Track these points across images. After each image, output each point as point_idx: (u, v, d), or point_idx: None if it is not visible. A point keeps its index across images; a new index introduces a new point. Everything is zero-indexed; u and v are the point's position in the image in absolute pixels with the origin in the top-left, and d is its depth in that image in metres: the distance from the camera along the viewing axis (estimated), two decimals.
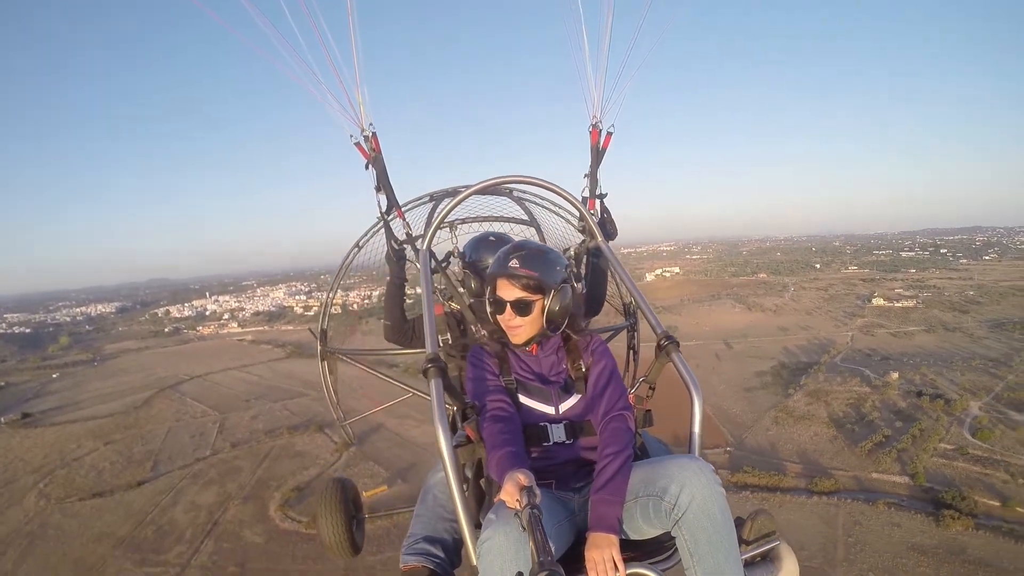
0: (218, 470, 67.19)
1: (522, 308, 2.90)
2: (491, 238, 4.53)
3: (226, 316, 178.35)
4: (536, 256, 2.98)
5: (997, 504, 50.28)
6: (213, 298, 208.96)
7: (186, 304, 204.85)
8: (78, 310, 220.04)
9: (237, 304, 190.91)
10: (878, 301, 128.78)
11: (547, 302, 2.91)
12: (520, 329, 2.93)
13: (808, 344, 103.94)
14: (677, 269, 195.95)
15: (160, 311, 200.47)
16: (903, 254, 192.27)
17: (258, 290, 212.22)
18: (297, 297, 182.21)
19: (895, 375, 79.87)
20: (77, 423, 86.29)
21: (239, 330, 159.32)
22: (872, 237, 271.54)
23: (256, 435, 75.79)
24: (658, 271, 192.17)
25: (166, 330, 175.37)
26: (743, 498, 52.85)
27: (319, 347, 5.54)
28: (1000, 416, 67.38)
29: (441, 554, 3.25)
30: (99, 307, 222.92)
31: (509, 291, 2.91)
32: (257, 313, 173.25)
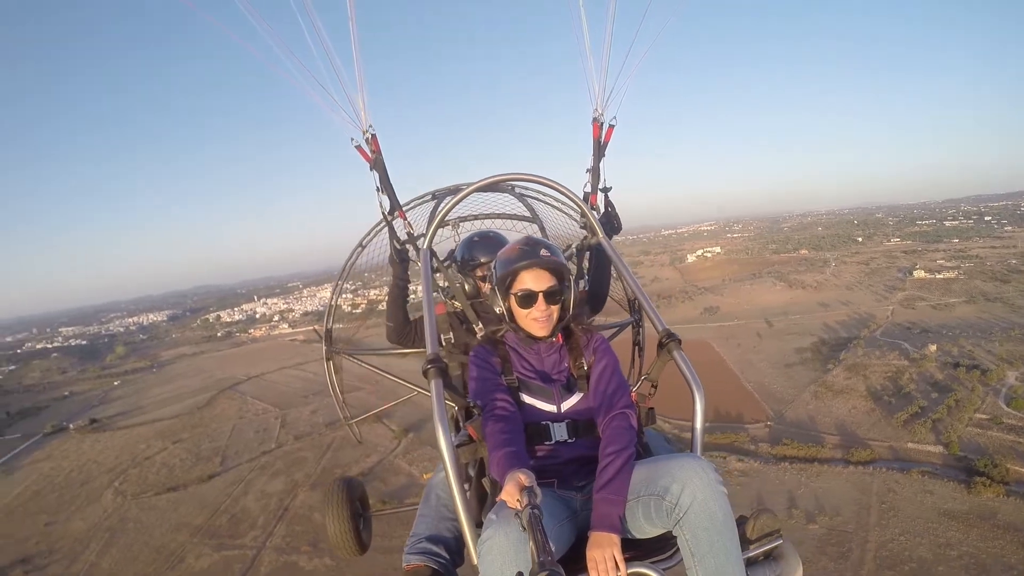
0: (284, 461, 70.99)
1: (555, 296, 2.98)
2: (475, 238, 4.59)
3: (276, 318, 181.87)
4: (554, 246, 3.12)
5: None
6: (261, 301, 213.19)
7: (235, 308, 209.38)
8: (130, 320, 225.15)
9: (286, 305, 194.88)
10: (919, 273, 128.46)
11: (568, 289, 3.05)
12: (549, 320, 2.99)
13: (848, 319, 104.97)
14: (718, 248, 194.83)
15: (211, 316, 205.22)
16: (947, 223, 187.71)
17: (304, 291, 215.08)
18: (344, 296, 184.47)
19: (933, 347, 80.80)
20: (144, 425, 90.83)
21: (290, 331, 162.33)
22: (915, 207, 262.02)
23: (317, 428, 79.42)
24: (699, 252, 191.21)
25: (219, 334, 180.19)
26: (782, 469, 55.61)
27: (324, 347, 5.64)
28: None
29: (444, 553, 3.35)
30: (150, 316, 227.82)
31: (541, 281, 2.97)
32: (306, 313, 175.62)
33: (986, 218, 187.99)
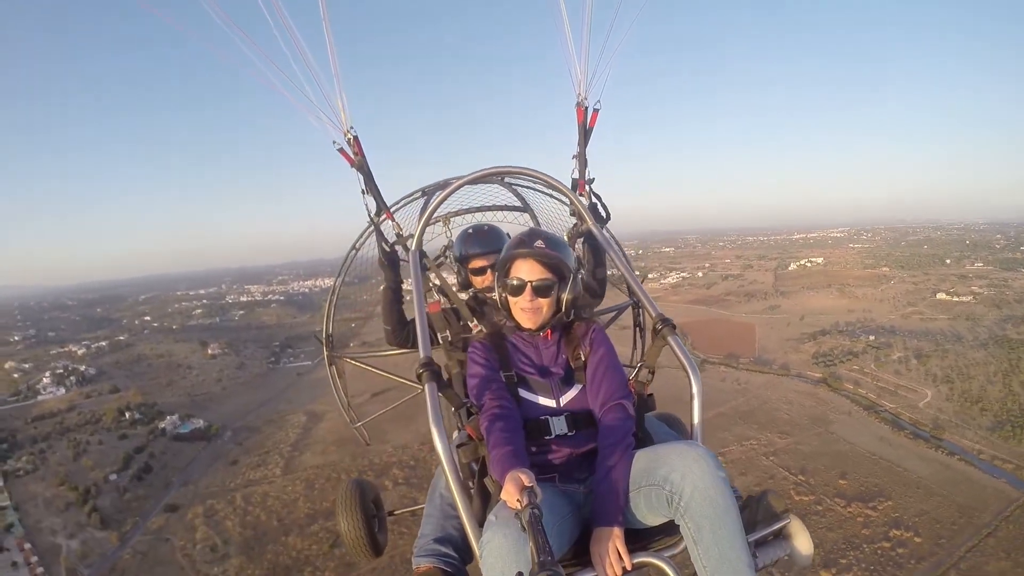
0: None
1: (543, 290, 3.22)
2: (469, 231, 5.05)
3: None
4: (558, 241, 3.35)
5: (851, 387, 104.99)
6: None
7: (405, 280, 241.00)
8: (308, 283, 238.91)
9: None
10: (941, 296, 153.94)
11: (566, 287, 3.28)
12: (538, 312, 3.26)
13: (854, 320, 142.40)
14: (820, 260, 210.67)
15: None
16: None
17: None
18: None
19: (872, 337, 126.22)
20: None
21: None
22: None
23: None
24: (802, 261, 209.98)
25: (407, 299, 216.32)
26: (743, 373, 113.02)
27: (325, 352, 6.25)
28: (905, 356, 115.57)
29: (452, 553, 3.57)
30: (327, 280, 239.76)
31: (532, 272, 3.23)
32: None
33: None
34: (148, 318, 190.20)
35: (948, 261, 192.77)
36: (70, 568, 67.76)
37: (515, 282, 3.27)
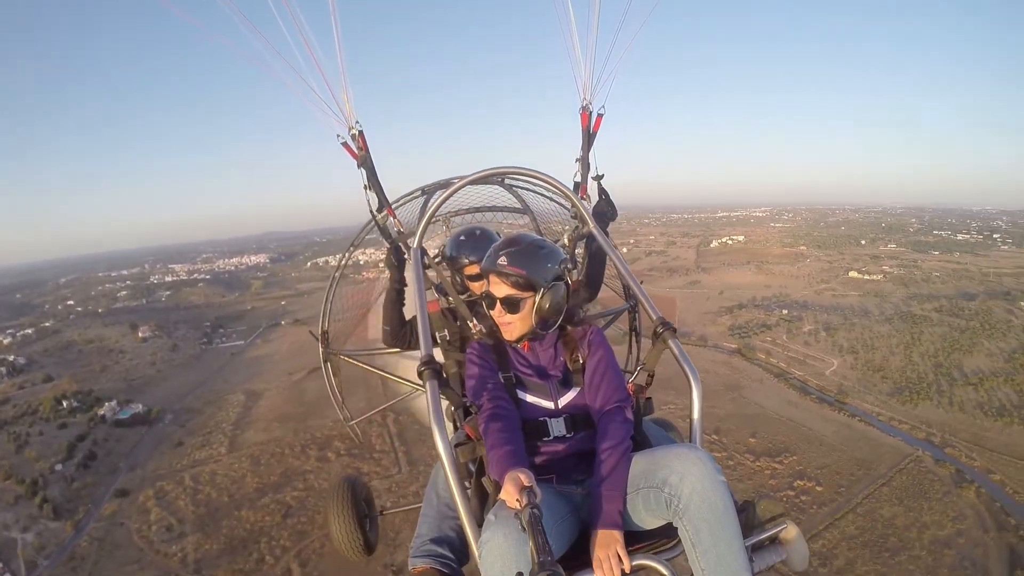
0: None
1: (511, 306, 3.23)
2: (462, 237, 4.92)
3: (381, 264, 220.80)
4: (527, 253, 3.25)
5: (763, 356, 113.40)
6: (361, 250, 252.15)
7: (333, 256, 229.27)
8: (233, 260, 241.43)
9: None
10: (853, 274, 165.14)
11: (537, 300, 3.22)
12: (511, 326, 3.29)
13: (770, 295, 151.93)
14: (742, 238, 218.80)
15: (319, 260, 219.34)
16: (958, 237, 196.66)
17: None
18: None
19: (785, 311, 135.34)
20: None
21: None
22: (970, 215, 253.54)
23: None
24: (724, 239, 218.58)
25: (336, 275, 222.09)
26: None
27: (321, 349, 6.27)
28: (815, 329, 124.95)
29: (449, 553, 3.67)
30: (252, 258, 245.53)
31: (498, 288, 3.24)
32: None
33: (995, 235, 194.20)
34: (71, 302, 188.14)
35: (863, 242, 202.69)
36: (29, 560, 69.32)
37: (487, 295, 3.35)
